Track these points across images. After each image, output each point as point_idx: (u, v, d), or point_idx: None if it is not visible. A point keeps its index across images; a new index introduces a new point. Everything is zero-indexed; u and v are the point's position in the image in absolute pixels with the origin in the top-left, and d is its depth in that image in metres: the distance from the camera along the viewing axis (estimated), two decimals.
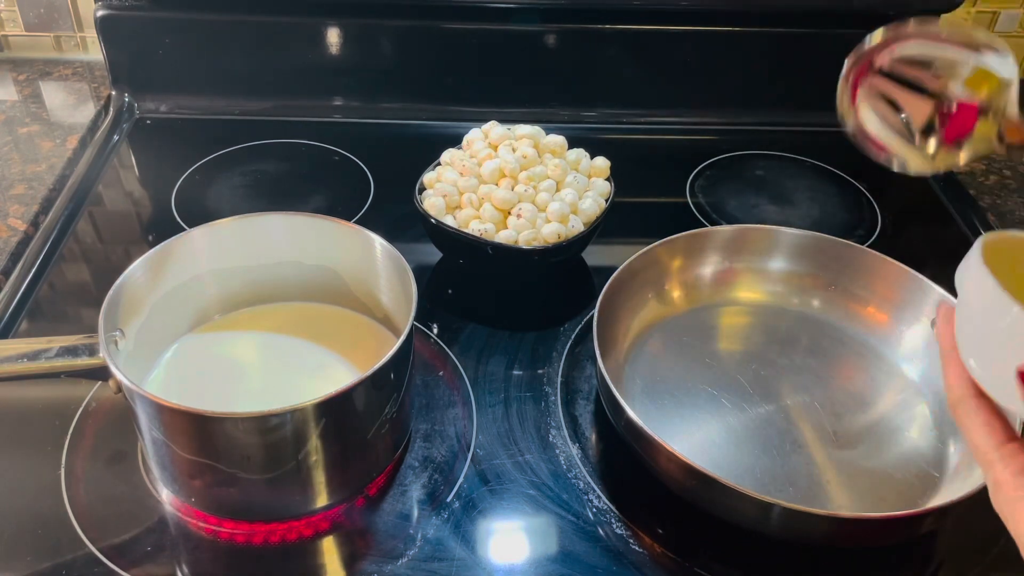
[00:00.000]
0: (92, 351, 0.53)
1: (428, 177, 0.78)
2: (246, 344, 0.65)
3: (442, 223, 0.73)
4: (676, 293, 0.75)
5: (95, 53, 1.06)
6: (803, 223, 0.88)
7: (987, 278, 0.40)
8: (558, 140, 0.79)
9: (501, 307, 0.78)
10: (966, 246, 0.42)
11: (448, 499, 0.60)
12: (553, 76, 1.01)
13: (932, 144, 0.41)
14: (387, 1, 0.97)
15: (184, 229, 0.68)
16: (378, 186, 0.91)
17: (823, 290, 0.74)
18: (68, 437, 0.63)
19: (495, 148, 0.79)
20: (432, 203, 0.75)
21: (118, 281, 0.57)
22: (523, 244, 0.72)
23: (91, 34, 1.05)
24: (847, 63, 0.40)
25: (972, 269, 0.41)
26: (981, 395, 0.41)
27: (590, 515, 0.59)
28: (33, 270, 0.78)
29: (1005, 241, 0.44)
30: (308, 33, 0.97)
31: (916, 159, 0.42)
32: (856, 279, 0.73)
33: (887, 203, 0.92)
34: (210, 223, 0.64)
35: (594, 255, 0.81)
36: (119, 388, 0.53)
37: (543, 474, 0.62)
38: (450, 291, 0.79)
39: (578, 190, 0.76)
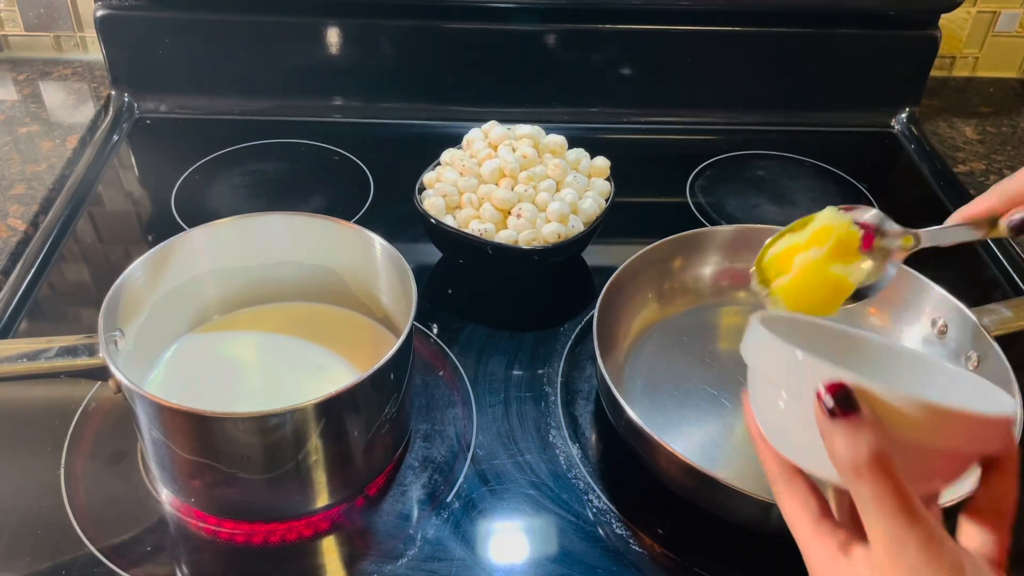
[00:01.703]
0: (92, 351, 0.53)
1: (428, 177, 0.78)
2: (246, 344, 0.65)
3: (442, 223, 0.73)
4: (676, 293, 0.75)
5: (95, 53, 1.06)
6: None
7: (768, 337, 0.39)
8: (558, 140, 0.79)
9: (501, 307, 0.78)
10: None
11: (448, 499, 0.60)
12: (553, 76, 1.01)
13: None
14: (387, 1, 0.97)
15: (184, 229, 0.68)
16: (378, 186, 0.91)
17: None
18: (68, 437, 0.63)
19: (495, 148, 0.79)
20: (432, 203, 0.75)
21: (118, 281, 0.57)
22: (523, 244, 0.72)
23: (91, 34, 1.05)
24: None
25: (752, 333, 0.42)
26: (796, 472, 0.40)
27: (590, 515, 0.59)
28: (33, 270, 0.78)
29: (780, 319, 0.46)
30: (308, 33, 0.97)
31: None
32: None
33: (887, 203, 0.92)
34: (210, 223, 0.64)
35: (594, 255, 0.81)
36: (119, 388, 0.53)
37: (543, 474, 0.62)
38: (450, 291, 0.79)
39: (578, 190, 0.76)
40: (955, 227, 0.52)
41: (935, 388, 0.44)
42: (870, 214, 0.54)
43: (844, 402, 0.35)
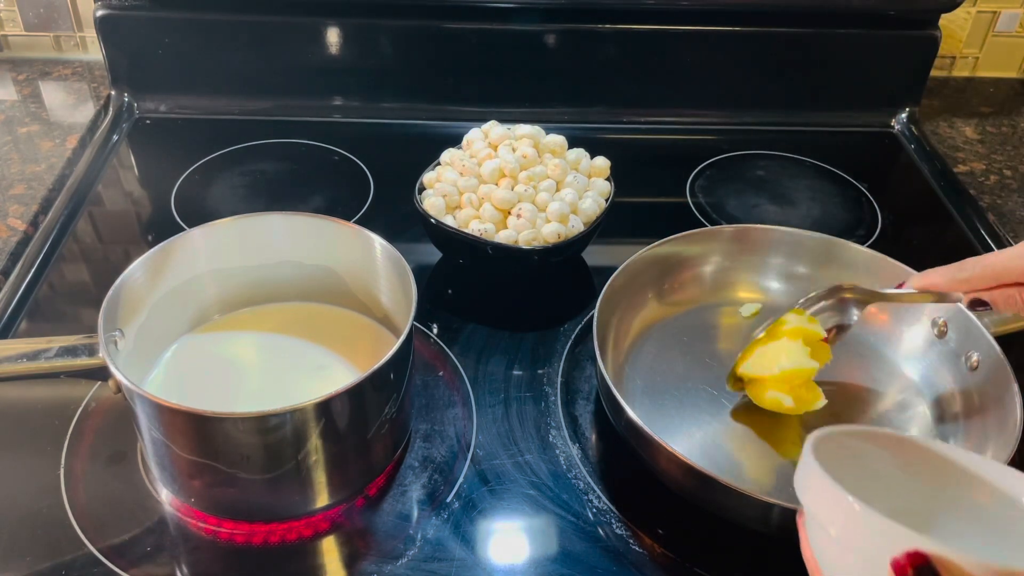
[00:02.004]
0: (92, 351, 0.53)
1: (428, 177, 0.78)
2: (246, 344, 0.65)
3: (442, 223, 0.73)
4: (676, 293, 0.75)
5: (95, 53, 1.06)
6: (803, 223, 0.88)
7: (825, 480, 0.36)
8: (558, 140, 0.79)
9: (501, 307, 0.78)
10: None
11: (448, 499, 0.60)
12: (553, 76, 1.01)
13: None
14: (387, 1, 0.97)
15: (184, 229, 0.68)
16: (378, 186, 0.91)
17: None
18: (68, 437, 0.63)
19: (495, 148, 0.79)
20: (432, 203, 0.75)
21: (118, 281, 0.57)
22: (523, 244, 0.72)
23: (91, 34, 1.05)
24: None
25: (806, 468, 0.39)
26: None
27: (590, 515, 0.59)
28: (33, 270, 0.78)
29: (835, 438, 0.43)
30: (308, 33, 0.97)
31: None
32: (856, 279, 0.73)
33: (887, 203, 0.92)
34: (210, 223, 0.64)
35: (594, 255, 0.81)
36: (119, 388, 0.53)
37: (543, 474, 0.62)
38: (450, 291, 0.79)
39: (578, 190, 0.76)
40: (909, 292, 0.60)
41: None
42: (831, 313, 0.64)
43: None
